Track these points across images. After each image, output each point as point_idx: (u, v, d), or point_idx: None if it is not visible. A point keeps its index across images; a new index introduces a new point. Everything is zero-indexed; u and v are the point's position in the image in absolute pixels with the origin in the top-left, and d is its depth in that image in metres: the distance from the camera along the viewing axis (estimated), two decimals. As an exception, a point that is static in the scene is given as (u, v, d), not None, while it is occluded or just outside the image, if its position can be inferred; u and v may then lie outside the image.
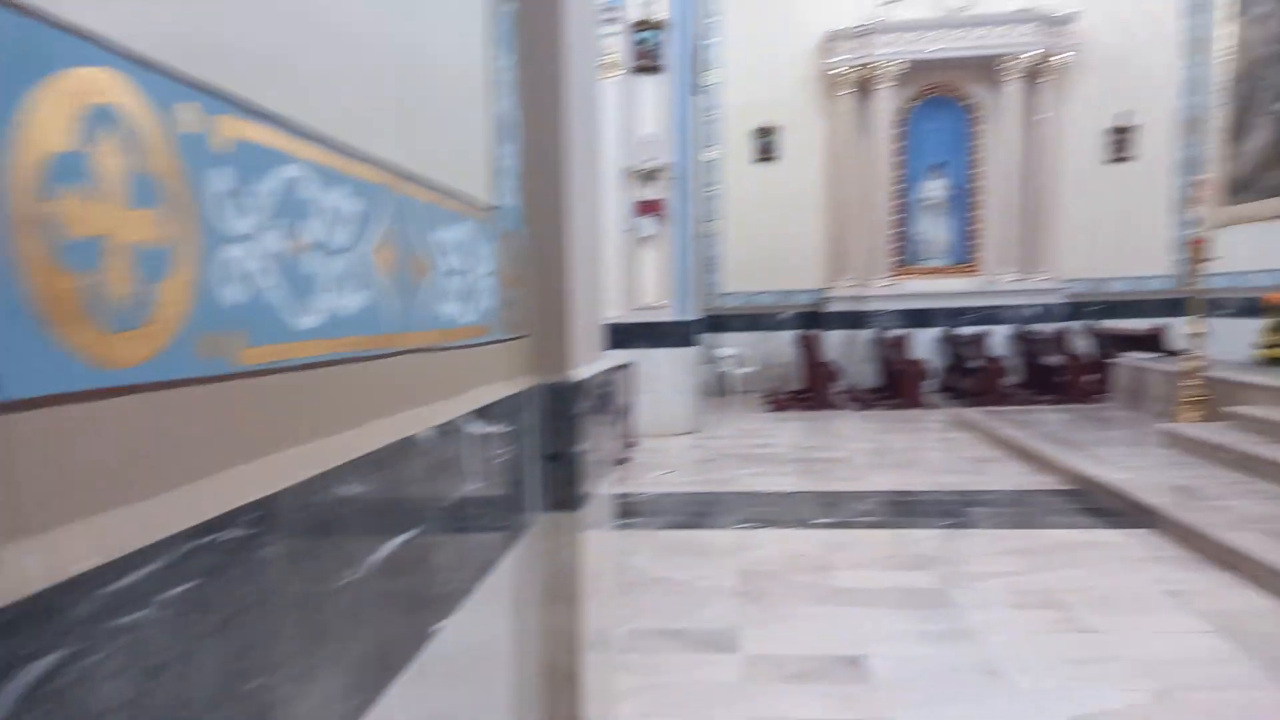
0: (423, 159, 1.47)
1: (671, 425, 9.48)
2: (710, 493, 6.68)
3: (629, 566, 4.73)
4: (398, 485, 1.29)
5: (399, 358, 1.35)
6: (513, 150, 2.02)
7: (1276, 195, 10.87)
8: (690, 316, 9.63)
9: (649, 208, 9.17)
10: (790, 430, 9.69)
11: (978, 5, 12.33)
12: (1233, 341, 10.56)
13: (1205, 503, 5.14)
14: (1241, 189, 11.46)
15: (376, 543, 1.22)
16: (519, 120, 2.05)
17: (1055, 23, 12.26)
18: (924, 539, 5.12)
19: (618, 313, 9.46)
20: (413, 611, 1.36)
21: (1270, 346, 7.89)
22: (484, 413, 1.70)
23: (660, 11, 9.08)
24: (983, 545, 4.97)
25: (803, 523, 5.60)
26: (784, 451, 8.34)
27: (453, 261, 1.60)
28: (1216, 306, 11.34)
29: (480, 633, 1.71)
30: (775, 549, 5.03)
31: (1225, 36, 12.01)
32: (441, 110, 1.63)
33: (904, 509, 5.98)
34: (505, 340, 1.93)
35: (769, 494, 6.53)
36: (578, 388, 2.11)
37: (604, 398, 2.47)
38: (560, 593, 2.11)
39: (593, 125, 2.47)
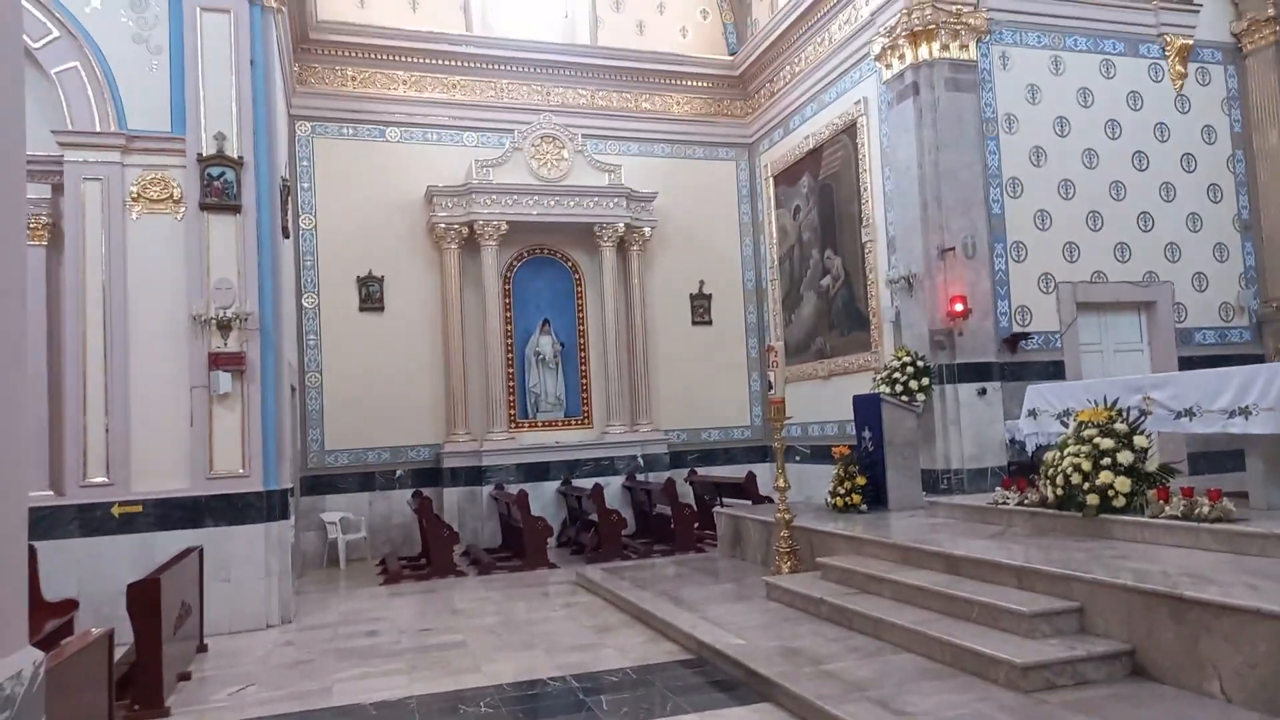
0: None
1: (255, 618, 7.92)
2: (297, 713, 5.42)
3: None
4: None
5: None
6: None
7: (823, 358, 12.63)
8: (280, 485, 8.29)
9: (226, 361, 7.85)
10: (404, 607, 8.62)
11: (571, 176, 13.08)
12: (813, 486, 11.77)
13: (816, 667, 5.18)
14: (798, 352, 13.17)
15: None
16: None
17: (639, 199, 13.42)
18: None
19: (183, 485, 7.84)
20: None
21: (840, 495, 8.73)
22: None
23: (236, 148, 8.13)
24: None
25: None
26: (395, 639, 7.27)
27: None
28: (792, 453, 12.68)
29: None
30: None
31: (771, 222, 14.05)
32: None
33: (528, 709, 5.29)
34: None
35: (373, 705, 5.45)
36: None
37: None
38: None
39: None
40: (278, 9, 9.08)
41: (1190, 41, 11.20)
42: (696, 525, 11.48)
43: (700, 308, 14.32)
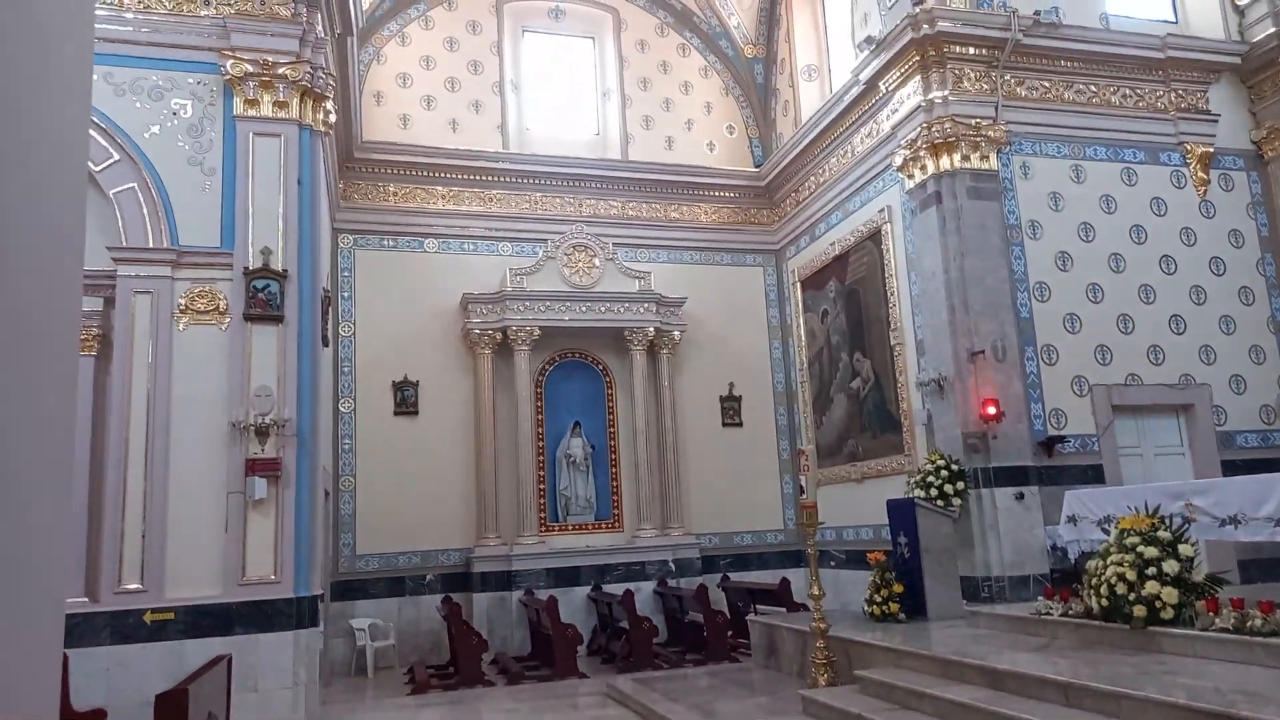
0: None
1: (280, 731, 7.77)
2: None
3: None
4: None
5: None
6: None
7: (855, 460, 12.52)
8: (311, 591, 8.27)
9: (262, 467, 7.98)
10: (431, 719, 8.42)
11: (602, 283, 13.40)
12: (849, 592, 11.49)
13: (855, 786, 4.96)
14: (829, 454, 13.08)
15: None
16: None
17: (669, 304, 13.67)
18: None
19: (214, 591, 7.85)
20: None
21: (877, 603, 8.52)
22: None
23: (281, 262, 8.49)
24: None
25: None
26: (418, 754, 7.08)
27: None
28: (827, 557, 12.43)
29: None
30: None
31: (799, 325, 14.20)
32: None
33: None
34: None
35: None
36: None
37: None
38: None
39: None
40: (325, 132, 9.60)
41: (1211, 149, 11.39)
42: (730, 633, 11.18)
43: (730, 409, 14.34)
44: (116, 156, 8.50)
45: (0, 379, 1.47)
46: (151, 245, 8.43)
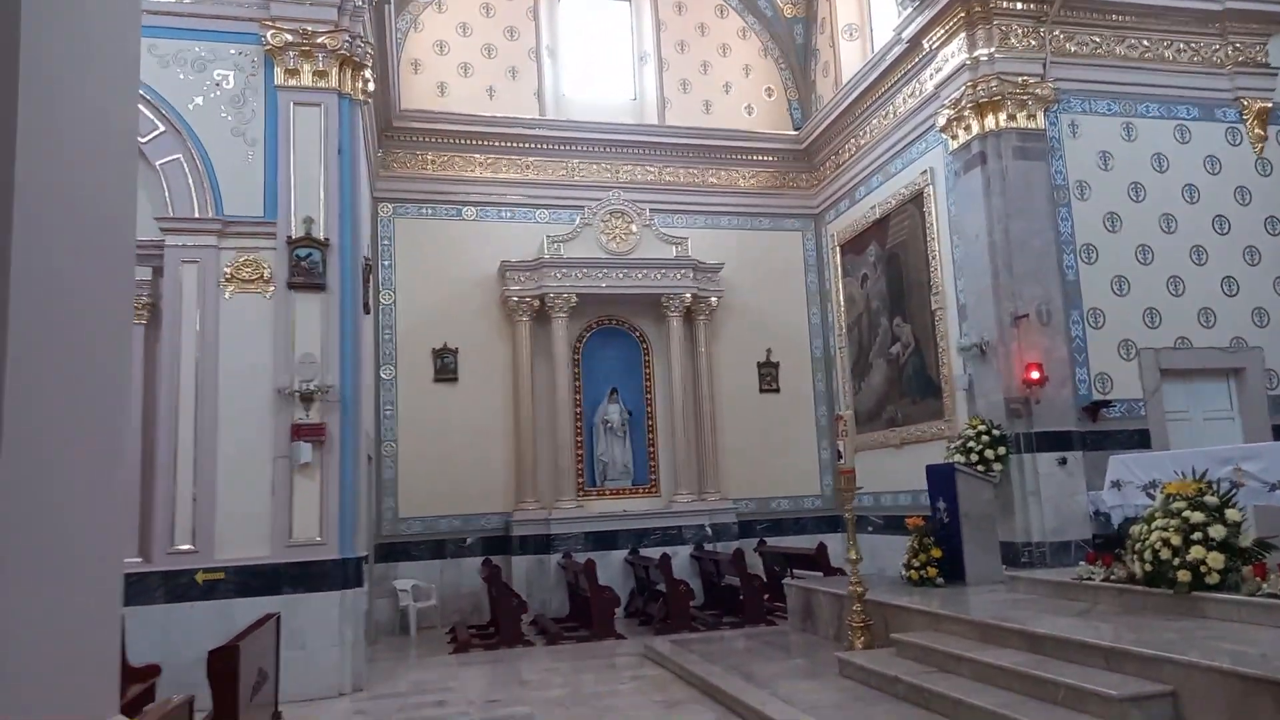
0: None
1: (328, 686, 8.02)
2: (366, 783, 5.45)
3: None
4: None
5: None
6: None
7: (894, 426, 12.43)
8: (355, 553, 8.47)
9: (308, 432, 8.15)
10: (473, 678, 8.62)
11: (639, 250, 13.36)
12: (886, 557, 11.48)
13: (891, 746, 5.00)
14: (868, 420, 13.00)
15: None
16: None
17: (706, 270, 13.59)
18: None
19: (263, 552, 8.08)
20: None
21: (915, 568, 8.50)
22: None
23: (323, 231, 8.59)
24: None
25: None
26: (463, 710, 7.28)
27: None
28: (864, 523, 12.41)
29: None
30: None
31: (838, 290, 14.05)
32: None
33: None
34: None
35: (439, 778, 5.45)
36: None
37: None
38: None
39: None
40: (364, 101, 9.65)
41: (1269, 104, 10.96)
42: (766, 597, 11.25)
43: (768, 376, 14.29)
44: (162, 128, 8.63)
45: (60, 351, 1.52)
46: (197, 215, 8.58)
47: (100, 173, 1.90)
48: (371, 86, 9.82)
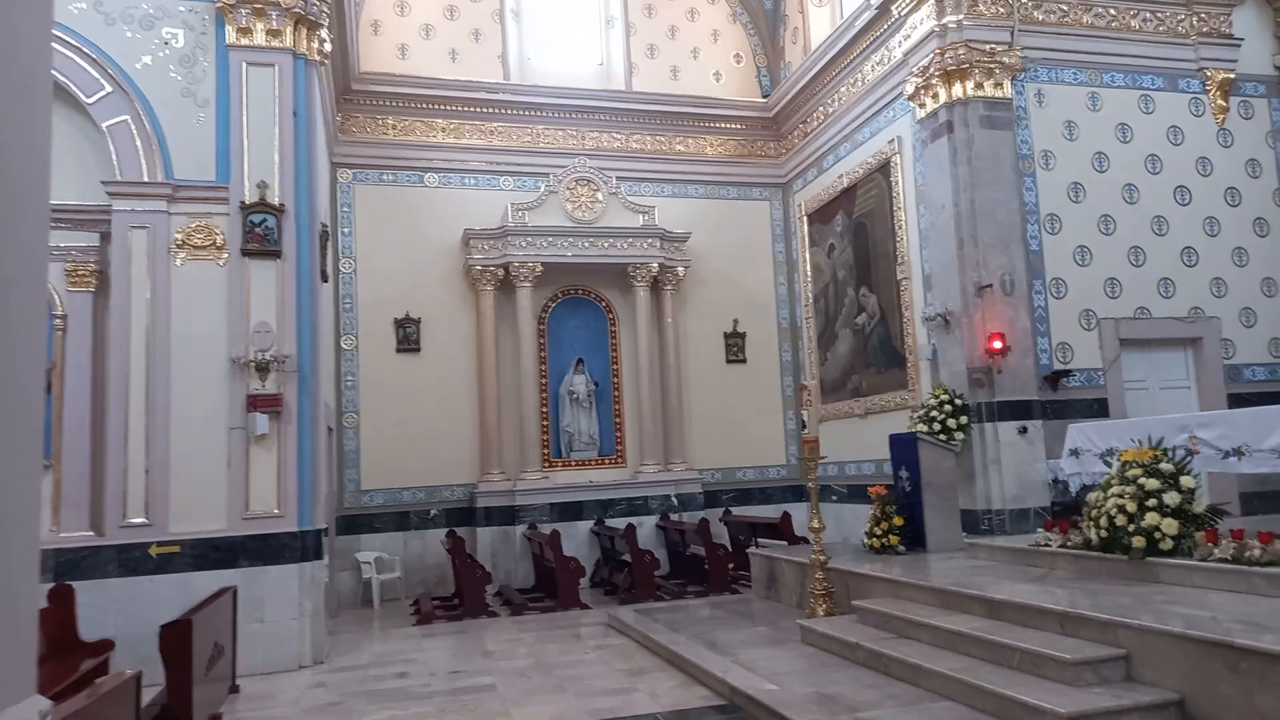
0: None
1: (288, 659, 7.94)
2: (324, 756, 5.39)
3: None
4: None
5: None
6: None
7: (859, 396, 12.49)
8: (315, 525, 8.35)
9: (264, 403, 7.98)
10: (436, 649, 8.58)
11: (605, 218, 13.20)
12: (850, 526, 11.58)
13: (852, 715, 5.03)
14: (833, 390, 13.05)
15: None
16: None
17: (673, 239, 13.48)
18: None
19: (219, 525, 7.93)
20: None
21: (877, 536, 8.56)
22: None
23: (278, 196, 8.35)
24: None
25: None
26: (425, 682, 7.22)
27: None
28: (829, 492, 12.50)
29: None
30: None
31: (805, 260, 14.03)
32: None
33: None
34: None
35: (398, 749, 5.40)
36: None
37: None
38: None
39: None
40: (321, 62, 9.36)
41: (1232, 75, 11.03)
42: (731, 566, 11.31)
43: (734, 346, 14.27)
44: (108, 88, 8.31)
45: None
46: (146, 179, 8.29)
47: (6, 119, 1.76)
48: (328, 47, 9.53)
